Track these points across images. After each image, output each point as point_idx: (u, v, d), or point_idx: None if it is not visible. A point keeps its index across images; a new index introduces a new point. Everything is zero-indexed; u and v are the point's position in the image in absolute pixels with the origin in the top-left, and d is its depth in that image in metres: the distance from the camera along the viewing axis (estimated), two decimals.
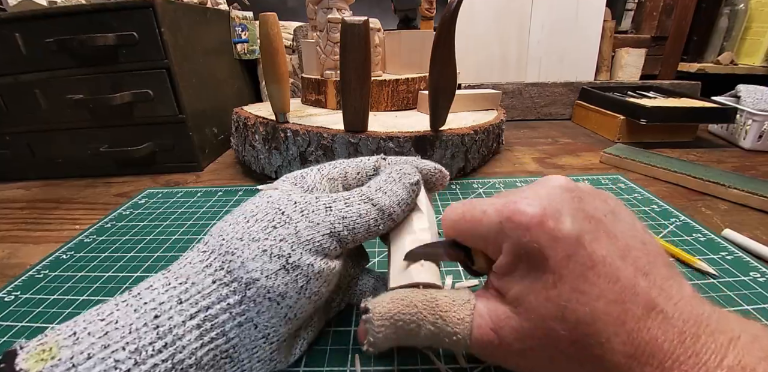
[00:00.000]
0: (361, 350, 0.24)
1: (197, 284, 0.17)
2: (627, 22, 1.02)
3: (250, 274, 0.17)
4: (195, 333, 0.17)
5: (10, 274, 0.35)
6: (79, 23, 0.51)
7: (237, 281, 0.18)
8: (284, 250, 0.18)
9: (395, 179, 0.21)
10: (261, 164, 0.52)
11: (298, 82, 0.83)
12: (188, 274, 0.18)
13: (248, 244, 0.18)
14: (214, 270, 0.18)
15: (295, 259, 0.18)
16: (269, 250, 0.18)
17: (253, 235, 0.18)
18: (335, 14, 0.52)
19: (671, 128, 0.67)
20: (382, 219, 0.20)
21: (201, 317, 0.17)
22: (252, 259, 0.18)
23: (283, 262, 0.18)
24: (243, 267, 0.18)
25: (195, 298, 0.17)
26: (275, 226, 0.19)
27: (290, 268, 0.18)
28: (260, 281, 0.17)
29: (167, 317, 0.16)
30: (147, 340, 0.16)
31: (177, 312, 0.17)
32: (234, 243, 0.18)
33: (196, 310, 0.17)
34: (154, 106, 0.56)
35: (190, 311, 0.17)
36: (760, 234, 0.37)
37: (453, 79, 0.44)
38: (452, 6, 0.40)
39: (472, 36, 0.86)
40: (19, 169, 0.61)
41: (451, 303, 0.18)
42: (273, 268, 0.18)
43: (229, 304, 0.17)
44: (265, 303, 0.18)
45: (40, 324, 0.27)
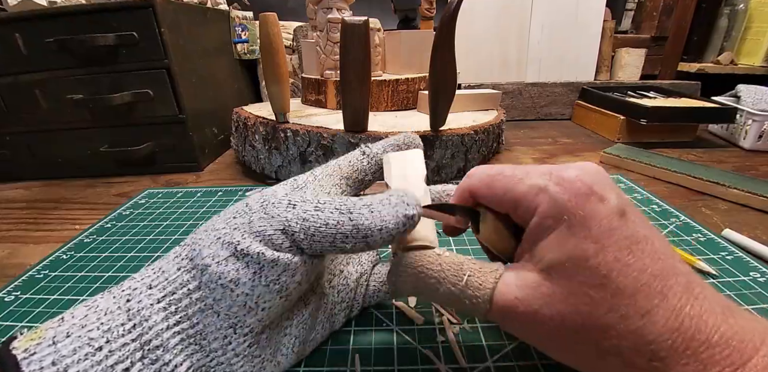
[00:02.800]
0: (361, 350, 0.24)
1: (166, 272, 0.19)
2: (627, 22, 1.02)
3: (204, 260, 0.18)
4: (161, 315, 0.18)
5: (10, 274, 0.35)
6: (79, 23, 0.51)
7: (196, 268, 0.18)
8: (235, 238, 0.18)
9: (390, 203, 0.18)
10: (261, 164, 0.52)
11: (298, 82, 0.83)
12: (162, 264, 0.19)
13: (209, 234, 0.19)
14: (181, 259, 0.19)
15: (244, 247, 0.18)
16: (222, 238, 0.18)
17: (215, 225, 0.19)
18: (335, 14, 0.52)
19: (671, 128, 0.68)
20: (354, 238, 0.18)
21: (167, 301, 0.18)
22: (207, 247, 0.18)
23: (232, 249, 0.18)
24: (200, 255, 0.18)
25: (162, 284, 0.18)
26: (235, 216, 0.19)
27: (239, 255, 0.18)
28: (211, 267, 0.18)
29: (137, 300, 0.18)
30: (119, 321, 0.17)
31: (146, 296, 0.18)
32: (200, 234, 0.20)
33: (162, 294, 0.18)
34: (154, 106, 0.56)
35: (157, 295, 0.18)
36: (760, 234, 0.37)
37: (453, 79, 0.44)
38: (452, 6, 0.40)
39: (472, 36, 0.86)
40: (19, 169, 0.61)
41: (477, 269, 0.19)
42: (223, 255, 0.18)
43: (189, 289, 0.18)
44: (219, 289, 0.18)
45: (40, 324, 0.27)
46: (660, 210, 0.41)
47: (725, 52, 0.94)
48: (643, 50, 0.90)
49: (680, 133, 0.68)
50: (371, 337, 0.25)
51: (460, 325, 0.26)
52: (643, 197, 0.44)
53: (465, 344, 0.24)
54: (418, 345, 0.24)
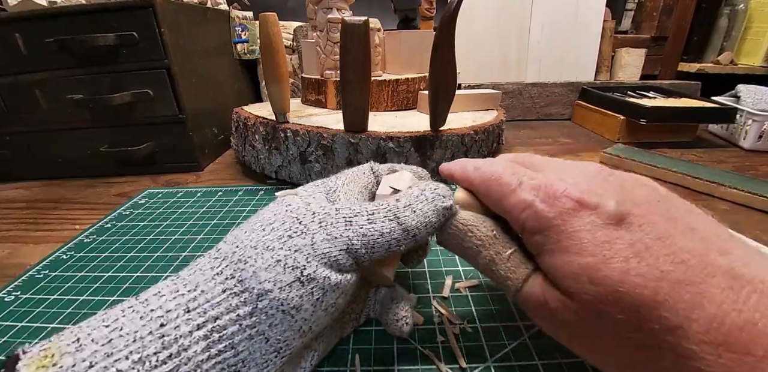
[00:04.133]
0: (361, 350, 0.24)
1: (206, 292, 0.17)
2: (627, 22, 1.02)
3: (262, 284, 0.16)
4: (202, 344, 0.16)
5: (10, 274, 0.35)
6: (79, 23, 0.51)
7: (248, 291, 0.16)
8: (299, 262, 0.17)
9: (428, 198, 0.19)
10: (261, 164, 0.52)
11: (298, 82, 0.83)
12: (198, 281, 0.17)
13: (262, 253, 0.17)
14: (225, 278, 0.17)
15: (311, 271, 0.17)
16: (283, 261, 0.17)
17: (268, 244, 0.17)
18: (335, 14, 0.52)
19: (671, 128, 0.67)
20: (405, 239, 0.19)
21: (209, 328, 0.16)
22: (265, 269, 0.17)
23: (297, 273, 0.17)
24: (255, 277, 0.17)
25: (203, 307, 0.16)
26: (291, 235, 0.18)
27: (305, 280, 0.17)
28: (273, 293, 0.16)
29: (173, 326, 0.16)
30: (151, 350, 0.15)
31: (184, 321, 0.16)
32: (247, 251, 0.17)
33: (204, 319, 0.16)
34: (154, 106, 0.56)
35: (198, 321, 0.16)
36: (760, 234, 0.37)
37: (453, 79, 0.44)
38: (452, 6, 0.40)
39: (472, 36, 0.86)
40: (19, 169, 0.61)
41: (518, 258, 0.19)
42: (287, 280, 0.17)
43: (239, 315, 0.16)
44: (278, 315, 0.17)
45: (40, 324, 0.27)
46: None
47: (725, 52, 0.94)
48: (643, 50, 0.90)
49: (680, 133, 0.68)
50: (371, 337, 0.25)
51: (460, 325, 0.26)
52: None
53: (465, 344, 0.24)
54: (418, 345, 0.24)
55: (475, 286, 0.30)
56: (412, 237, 0.19)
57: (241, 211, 0.44)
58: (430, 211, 0.19)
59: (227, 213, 0.44)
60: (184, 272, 0.18)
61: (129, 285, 0.31)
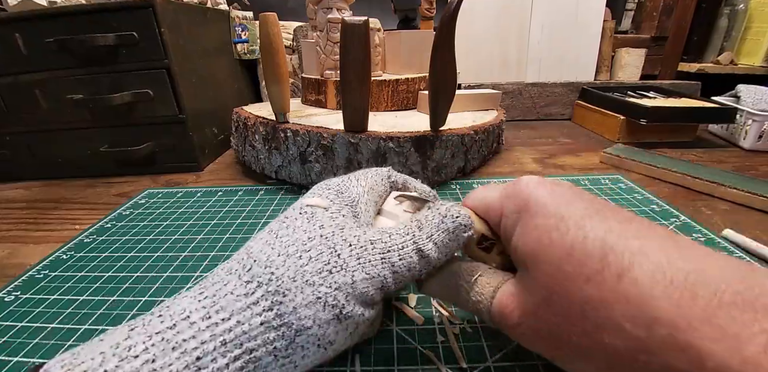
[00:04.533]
0: (361, 350, 0.24)
1: (242, 323, 0.16)
2: (627, 22, 1.02)
3: (302, 322, 0.17)
4: None
5: (10, 274, 0.35)
6: (79, 23, 0.51)
7: (287, 326, 0.16)
8: (339, 301, 0.17)
9: (449, 229, 0.20)
10: (261, 164, 0.52)
11: (298, 82, 0.83)
12: (232, 308, 0.16)
13: (302, 288, 0.17)
14: (263, 309, 0.16)
15: (349, 310, 0.17)
16: (323, 299, 0.17)
17: (307, 278, 0.17)
18: (335, 14, 0.52)
19: (671, 128, 0.67)
20: (425, 268, 0.20)
21: (245, 359, 0.16)
22: (305, 306, 0.17)
23: (336, 312, 0.17)
24: (295, 313, 0.17)
25: (240, 339, 0.16)
26: (330, 270, 0.18)
27: (343, 318, 0.17)
28: (312, 330, 0.17)
29: (210, 359, 0.15)
30: None
31: (221, 354, 0.15)
32: (285, 282, 0.17)
33: (240, 351, 0.16)
34: (154, 106, 0.56)
35: (235, 353, 0.16)
36: (760, 234, 0.37)
37: (453, 79, 0.44)
38: (452, 6, 0.40)
39: (472, 36, 0.86)
40: (19, 169, 0.61)
41: (491, 272, 0.21)
42: (326, 318, 0.17)
43: (275, 347, 0.16)
44: (313, 349, 0.17)
45: (40, 324, 0.27)
46: (660, 210, 0.41)
47: (725, 52, 0.94)
48: (643, 50, 0.90)
49: (680, 133, 0.68)
50: (371, 338, 0.25)
51: (460, 325, 0.26)
52: (643, 197, 0.44)
53: (465, 344, 0.24)
54: (418, 345, 0.24)
55: None
56: (432, 267, 0.20)
57: (241, 211, 0.44)
58: (451, 242, 0.20)
59: (227, 213, 0.44)
60: (210, 289, 0.17)
61: (129, 285, 0.31)
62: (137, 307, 0.29)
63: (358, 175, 0.24)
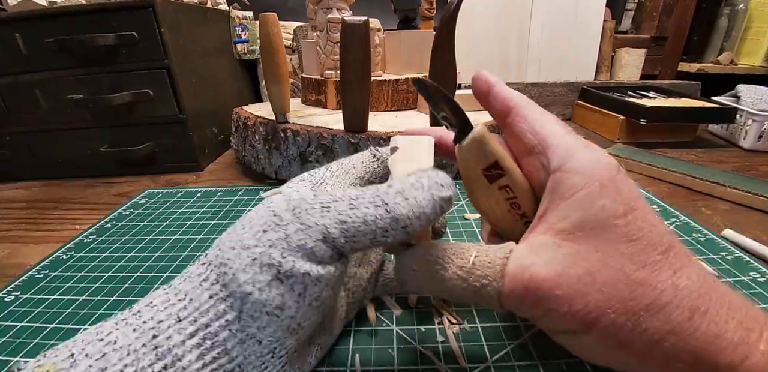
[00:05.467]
0: (361, 350, 0.24)
1: (194, 300, 0.16)
2: (627, 22, 1.02)
3: (242, 287, 0.16)
4: (195, 353, 0.15)
5: (10, 274, 0.35)
6: (79, 23, 0.51)
7: (233, 296, 0.16)
8: (274, 258, 0.16)
9: (424, 186, 0.17)
10: (261, 164, 0.52)
11: (298, 82, 0.83)
12: (187, 289, 0.17)
13: (239, 253, 0.16)
14: (210, 284, 0.16)
15: (288, 268, 0.16)
16: (259, 259, 0.16)
17: (244, 242, 0.17)
18: (335, 14, 0.52)
19: (671, 128, 0.67)
20: (394, 230, 0.17)
21: (201, 335, 0.16)
22: (243, 270, 0.16)
23: (274, 271, 0.16)
24: (235, 279, 0.16)
25: (193, 316, 0.16)
26: (265, 229, 0.17)
27: (283, 277, 0.16)
28: (254, 295, 0.16)
29: (166, 336, 0.15)
30: (146, 362, 0.15)
31: (176, 331, 0.16)
32: (227, 252, 0.17)
33: (195, 328, 0.16)
34: (154, 106, 0.56)
35: (189, 330, 0.16)
36: (760, 234, 0.37)
37: (453, 79, 0.44)
38: (452, 6, 0.40)
39: (472, 36, 0.86)
40: (19, 169, 0.61)
41: (485, 249, 0.18)
42: (265, 279, 0.16)
43: (227, 320, 0.16)
44: (264, 317, 0.16)
45: (40, 324, 0.27)
46: (660, 210, 0.41)
47: (725, 52, 0.94)
48: (643, 50, 0.90)
49: (680, 133, 0.68)
50: (371, 337, 0.25)
51: (460, 325, 0.26)
52: None
53: (465, 344, 0.24)
54: (418, 345, 0.24)
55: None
56: (402, 228, 0.17)
57: (241, 211, 0.44)
58: (425, 201, 0.17)
59: (227, 213, 0.44)
60: (176, 281, 0.18)
61: (129, 285, 0.31)
62: None
63: (331, 163, 0.23)
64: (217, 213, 0.44)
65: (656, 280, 0.16)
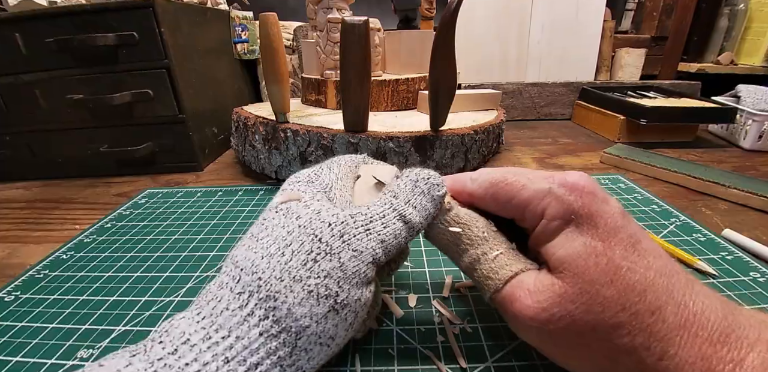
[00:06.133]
0: (361, 350, 0.24)
1: (242, 338, 0.15)
2: (627, 22, 1.02)
3: (299, 322, 0.16)
4: None
5: (10, 274, 0.35)
6: (79, 23, 0.51)
7: (286, 331, 0.16)
8: (331, 289, 0.16)
9: (423, 191, 0.19)
10: (261, 164, 0.52)
11: (298, 82, 0.83)
12: (229, 325, 0.16)
13: (291, 286, 0.16)
14: (259, 319, 0.16)
15: (344, 297, 0.16)
16: (315, 291, 0.16)
17: (293, 274, 0.16)
18: (335, 14, 0.52)
19: (671, 128, 0.67)
20: (411, 235, 0.19)
21: None
22: (299, 304, 0.16)
23: (331, 302, 0.16)
24: (290, 315, 0.16)
25: (242, 355, 0.15)
26: (315, 259, 0.16)
27: (339, 307, 0.16)
28: (311, 328, 0.16)
29: None
30: None
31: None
32: (273, 284, 0.16)
33: (245, 368, 0.15)
34: (154, 106, 0.56)
35: (239, 370, 0.15)
36: (760, 234, 0.37)
37: (453, 79, 0.44)
38: (452, 6, 0.40)
39: (472, 36, 0.86)
40: (19, 169, 0.61)
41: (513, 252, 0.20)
42: (322, 312, 0.16)
43: (279, 356, 0.15)
44: (316, 348, 0.16)
45: (40, 324, 0.27)
46: (660, 210, 0.41)
47: (725, 52, 0.94)
48: (643, 50, 0.90)
49: (680, 133, 0.68)
50: (371, 337, 0.25)
51: (460, 325, 0.26)
52: (643, 197, 0.44)
53: (465, 344, 0.24)
54: (418, 345, 0.24)
55: (475, 286, 0.30)
56: (416, 232, 0.19)
57: (241, 211, 0.44)
58: (428, 203, 0.20)
59: (227, 213, 0.44)
60: (206, 309, 0.16)
61: (129, 285, 0.31)
62: (137, 307, 0.29)
63: (329, 163, 0.23)
64: (217, 213, 0.44)
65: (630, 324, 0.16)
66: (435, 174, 0.20)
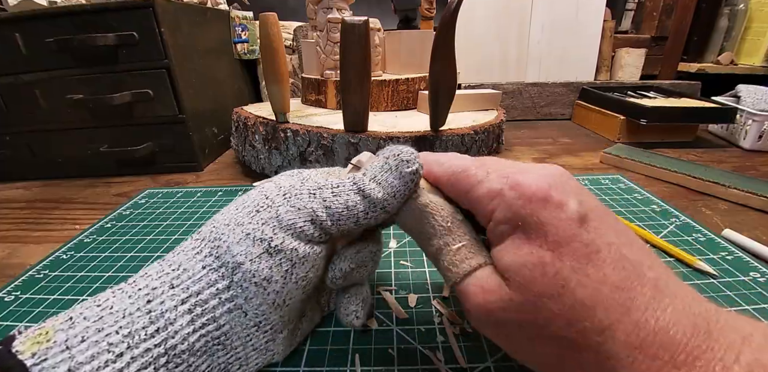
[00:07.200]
0: (361, 350, 0.24)
1: (188, 270, 0.18)
2: (627, 22, 1.02)
3: (235, 258, 0.18)
4: (186, 318, 0.17)
5: (10, 274, 0.35)
6: (79, 23, 0.51)
7: (224, 266, 0.18)
8: (266, 234, 0.18)
9: (391, 167, 0.19)
10: (261, 164, 0.52)
11: (298, 82, 0.83)
12: (180, 260, 0.18)
13: (233, 229, 0.18)
14: (204, 256, 0.18)
15: (278, 243, 0.18)
16: (252, 234, 0.18)
17: (239, 220, 0.19)
18: (335, 14, 0.52)
19: (671, 128, 0.67)
20: (374, 211, 0.19)
21: (192, 302, 0.17)
22: (236, 243, 0.18)
23: (265, 245, 0.18)
24: (229, 251, 0.18)
25: (186, 284, 0.17)
26: (258, 210, 0.19)
27: (273, 251, 0.18)
28: (245, 265, 0.17)
29: (159, 302, 0.17)
30: (140, 325, 0.16)
31: (168, 297, 0.17)
32: (221, 229, 0.19)
33: (187, 294, 0.17)
34: (154, 106, 0.56)
35: (182, 296, 0.17)
36: (760, 234, 0.37)
37: (453, 79, 0.44)
38: (452, 6, 0.40)
39: (472, 36, 0.86)
40: (19, 169, 0.61)
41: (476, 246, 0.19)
42: (256, 252, 0.18)
43: (218, 289, 0.17)
44: (252, 288, 0.17)
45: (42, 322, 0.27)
46: (660, 210, 0.41)
47: (725, 52, 0.94)
48: (643, 50, 0.90)
49: (680, 133, 0.68)
50: (371, 337, 0.25)
51: (460, 325, 0.26)
52: (643, 197, 0.44)
53: (465, 344, 0.24)
54: (418, 345, 0.24)
55: None
56: (381, 209, 0.19)
57: None
58: (395, 180, 0.19)
59: None
60: (169, 255, 0.19)
61: None
62: None
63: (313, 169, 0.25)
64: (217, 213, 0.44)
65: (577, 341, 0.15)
66: (408, 150, 0.19)
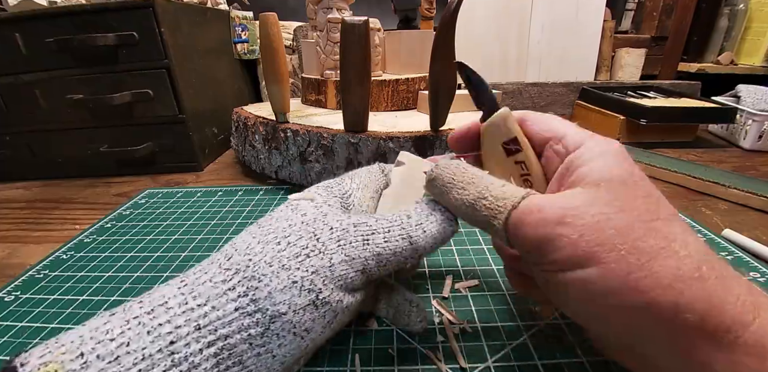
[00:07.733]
0: (361, 350, 0.24)
1: (218, 309, 0.16)
2: (627, 22, 1.02)
3: (276, 307, 0.16)
4: (212, 361, 0.16)
5: (10, 274, 0.35)
6: (79, 23, 0.51)
7: (261, 312, 0.16)
8: (316, 285, 0.17)
9: (437, 221, 0.20)
10: (261, 164, 0.52)
11: (298, 82, 0.83)
12: (208, 294, 0.16)
13: (277, 272, 0.17)
14: (238, 295, 0.16)
15: (326, 295, 0.17)
16: (299, 283, 0.17)
17: (284, 263, 0.17)
18: (335, 14, 0.52)
19: (671, 128, 0.67)
20: (413, 258, 0.19)
21: (219, 346, 0.16)
22: (280, 291, 0.16)
23: (313, 297, 0.17)
24: (270, 298, 0.16)
25: (214, 325, 0.16)
26: (308, 254, 0.17)
27: (320, 304, 0.17)
28: (287, 316, 0.16)
29: (184, 343, 0.15)
30: (161, 368, 0.15)
31: (194, 339, 0.15)
32: (262, 267, 0.17)
33: (214, 338, 0.16)
34: (154, 106, 0.56)
35: (209, 338, 0.16)
36: (760, 234, 0.37)
37: (453, 79, 0.44)
38: (452, 6, 0.40)
39: (472, 36, 0.86)
40: (19, 169, 0.61)
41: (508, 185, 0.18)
42: (302, 303, 0.17)
43: (250, 334, 0.16)
44: (289, 337, 0.17)
45: (40, 324, 0.27)
46: None
47: (725, 52, 0.94)
48: (643, 50, 0.90)
49: (680, 133, 0.68)
50: (371, 337, 0.25)
51: (460, 325, 0.26)
52: None
53: (465, 344, 0.24)
54: (418, 345, 0.24)
55: (475, 286, 0.30)
56: (418, 256, 0.19)
57: (241, 211, 0.44)
58: (438, 234, 0.19)
59: (227, 213, 0.44)
60: (191, 278, 0.17)
61: (129, 285, 0.31)
62: None
63: (351, 174, 0.24)
64: (217, 213, 0.44)
65: (669, 231, 0.15)
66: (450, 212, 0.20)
